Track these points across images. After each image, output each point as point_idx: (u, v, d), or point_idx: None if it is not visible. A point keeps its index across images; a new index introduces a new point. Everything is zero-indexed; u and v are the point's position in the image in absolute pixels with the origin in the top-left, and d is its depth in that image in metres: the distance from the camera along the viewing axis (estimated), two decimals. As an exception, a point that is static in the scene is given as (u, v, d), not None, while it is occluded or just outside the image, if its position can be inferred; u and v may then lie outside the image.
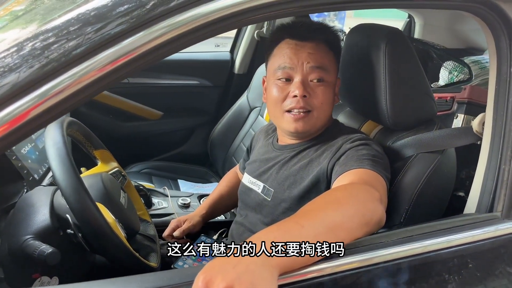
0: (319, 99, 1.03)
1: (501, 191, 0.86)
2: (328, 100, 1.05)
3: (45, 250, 0.82)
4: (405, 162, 1.02)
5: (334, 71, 1.08)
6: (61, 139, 0.88)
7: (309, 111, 1.03)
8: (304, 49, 1.03)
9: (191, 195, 1.65)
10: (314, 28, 1.07)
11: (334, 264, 0.69)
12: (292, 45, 1.05)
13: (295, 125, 1.03)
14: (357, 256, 0.72)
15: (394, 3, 0.90)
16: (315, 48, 1.04)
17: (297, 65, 1.03)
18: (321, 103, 1.03)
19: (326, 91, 1.04)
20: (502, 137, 0.87)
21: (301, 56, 1.03)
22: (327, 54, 1.06)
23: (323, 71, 1.03)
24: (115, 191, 1.04)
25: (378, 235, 0.77)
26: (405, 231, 0.80)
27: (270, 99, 1.08)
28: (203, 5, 0.65)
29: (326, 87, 1.04)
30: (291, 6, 0.72)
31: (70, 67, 0.60)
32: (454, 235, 0.80)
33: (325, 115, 1.07)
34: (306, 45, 1.04)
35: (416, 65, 1.07)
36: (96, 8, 0.63)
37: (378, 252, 0.74)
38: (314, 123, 1.05)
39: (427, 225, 0.83)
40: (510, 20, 0.85)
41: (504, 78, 0.87)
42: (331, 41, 1.07)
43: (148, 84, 2.29)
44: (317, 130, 1.09)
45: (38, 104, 0.59)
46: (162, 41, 0.64)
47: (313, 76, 1.03)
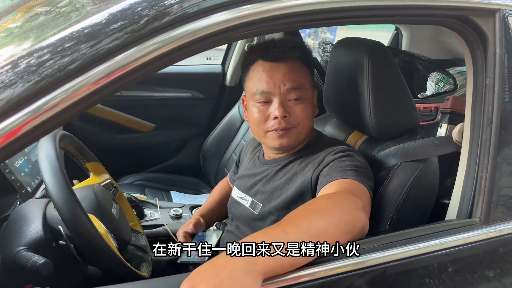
0: (299, 117, 1.06)
1: (479, 197, 0.89)
2: (308, 116, 1.08)
3: (38, 261, 0.83)
4: (389, 171, 1.05)
5: (310, 86, 1.10)
6: (53, 152, 0.91)
7: (290, 128, 1.06)
8: (279, 71, 1.04)
9: (183, 206, 1.66)
10: (287, 48, 1.07)
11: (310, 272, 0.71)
12: (266, 67, 1.06)
13: (279, 141, 1.07)
14: (340, 262, 0.75)
15: (377, 19, 0.93)
16: (290, 68, 1.05)
17: (274, 88, 1.04)
18: (302, 120, 1.06)
19: (305, 108, 1.07)
20: (479, 145, 0.90)
21: (277, 79, 1.04)
22: (302, 72, 1.07)
23: (300, 90, 1.05)
24: (107, 203, 1.06)
25: (361, 242, 0.80)
26: (387, 237, 0.83)
27: (251, 120, 1.10)
28: (194, 22, 0.67)
29: (304, 103, 1.07)
30: (278, 23, 0.75)
31: (64, 82, 0.62)
32: (434, 241, 0.84)
33: (307, 128, 1.10)
34: (280, 66, 1.05)
35: (398, 77, 1.10)
36: (90, 26, 0.66)
37: (361, 257, 0.76)
38: (298, 137, 1.08)
39: (408, 231, 0.86)
40: (485, 34, 0.89)
41: (480, 89, 0.91)
42: (304, 58, 1.09)
43: (141, 96, 2.31)
44: (301, 142, 1.12)
45: (31, 119, 0.61)
46: (155, 55, 0.66)
47: (291, 97, 1.05)
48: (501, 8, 0.89)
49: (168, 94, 2.36)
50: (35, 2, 1.15)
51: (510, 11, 0.90)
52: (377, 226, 1.03)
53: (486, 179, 0.88)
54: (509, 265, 0.90)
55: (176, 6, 0.67)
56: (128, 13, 0.67)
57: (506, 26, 0.89)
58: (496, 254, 0.89)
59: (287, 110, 1.05)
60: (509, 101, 0.89)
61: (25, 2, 1.23)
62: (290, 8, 0.73)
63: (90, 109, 2.09)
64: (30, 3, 1.17)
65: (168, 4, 0.67)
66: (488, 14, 0.89)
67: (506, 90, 0.89)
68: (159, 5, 0.67)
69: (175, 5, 0.67)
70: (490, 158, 0.88)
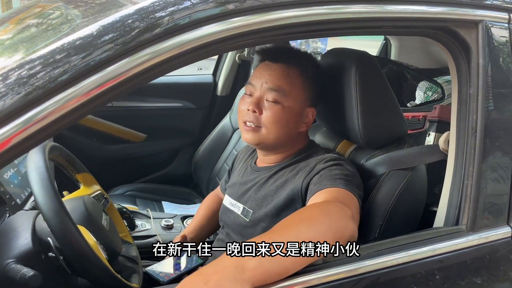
0: (268, 118, 1.06)
1: (465, 205, 0.90)
2: (279, 122, 1.06)
3: (27, 274, 0.82)
4: (378, 179, 1.07)
5: (300, 98, 1.09)
6: (43, 164, 0.91)
7: (259, 127, 1.08)
8: (269, 70, 1.08)
9: (174, 217, 1.66)
10: (289, 52, 1.12)
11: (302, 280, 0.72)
12: (263, 65, 1.11)
13: (245, 135, 1.10)
14: (330, 270, 0.76)
15: (366, 31, 0.95)
16: (281, 71, 1.07)
17: (258, 83, 1.08)
18: (269, 122, 1.06)
19: (279, 113, 1.06)
20: (464, 154, 0.92)
21: (263, 76, 1.08)
22: (292, 79, 1.07)
23: (279, 94, 1.06)
24: (97, 214, 1.06)
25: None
26: (376, 245, 0.84)
27: (238, 110, 1.14)
28: (185, 33, 0.68)
29: (280, 109, 1.06)
30: (268, 35, 0.76)
31: (55, 93, 0.62)
32: (422, 248, 0.85)
33: (274, 135, 1.08)
34: (273, 66, 1.08)
35: (385, 86, 1.12)
36: (81, 38, 0.66)
37: (350, 266, 0.77)
38: (264, 139, 1.09)
39: (396, 238, 0.87)
40: (468, 45, 0.91)
41: (464, 98, 0.93)
42: (305, 69, 1.09)
43: (132, 107, 2.30)
44: (279, 148, 1.12)
45: (21, 131, 0.61)
46: (146, 66, 0.67)
47: (268, 97, 1.07)
48: (483, 19, 0.91)
49: (160, 104, 2.37)
50: (27, 14, 1.16)
51: (493, 22, 0.92)
52: (367, 234, 1.03)
53: (472, 187, 0.90)
54: (496, 272, 0.91)
55: (167, 18, 0.68)
56: (119, 25, 0.67)
57: (489, 36, 0.91)
58: (483, 261, 0.90)
59: (260, 107, 1.07)
60: (493, 109, 0.91)
61: (16, 14, 1.24)
62: (280, 20, 0.74)
63: (82, 120, 2.09)
64: (22, 15, 1.18)
65: (159, 16, 0.68)
66: (471, 25, 0.90)
67: (489, 99, 0.90)
68: (150, 17, 0.68)
69: (166, 16, 0.68)
70: (475, 166, 0.90)
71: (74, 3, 1.00)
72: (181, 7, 0.70)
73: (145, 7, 0.70)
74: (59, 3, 1.05)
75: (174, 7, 0.70)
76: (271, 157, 1.15)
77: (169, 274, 1.17)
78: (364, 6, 0.81)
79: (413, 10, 0.85)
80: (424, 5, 0.86)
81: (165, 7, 0.70)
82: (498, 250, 0.92)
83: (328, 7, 0.78)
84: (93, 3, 0.96)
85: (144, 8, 0.70)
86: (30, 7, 1.24)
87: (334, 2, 0.79)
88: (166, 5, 0.70)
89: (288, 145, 1.13)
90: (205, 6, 0.70)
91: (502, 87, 0.92)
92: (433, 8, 0.86)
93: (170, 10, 0.69)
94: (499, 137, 0.92)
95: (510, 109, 0.93)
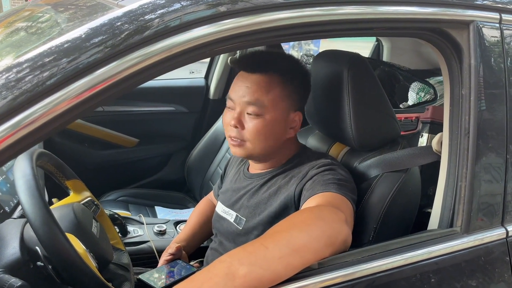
0: (250, 132, 1.04)
1: (459, 207, 0.90)
2: (262, 135, 1.04)
3: (14, 284, 0.80)
4: (371, 181, 1.06)
5: (280, 107, 1.04)
6: (30, 171, 0.89)
7: (244, 141, 1.05)
8: (245, 82, 1.04)
9: (167, 222, 1.64)
10: (265, 60, 1.06)
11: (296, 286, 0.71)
12: (240, 77, 1.06)
13: (232, 149, 1.08)
14: (323, 275, 0.74)
15: (357, 33, 0.94)
16: (257, 82, 1.03)
17: (237, 97, 1.05)
18: (252, 137, 1.04)
19: (259, 126, 1.03)
20: (457, 155, 0.91)
21: (240, 90, 1.04)
22: (270, 89, 1.02)
23: (258, 107, 1.02)
24: (87, 221, 1.04)
25: (343, 254, 0.79)
26: (370, 249, 0.83)
27: (223, 123, 1.12)
28: (176, 36, 0.67)
29: (261, 122, 1.03)
30: (260, 37, 0.75)
31: (44, 97, 0.61)
32: (416, 251, 0.84)
33: (261, 147, 1.06)
34: (250, 77, 1.04)
35: (377, 88, 1.11)
36: (69, 40, 0.65)
37: (344, 270, 0.76)
38: (252, 151, 1.07)
39: (390, 242, 0.86)
40: (460, 46, 0.91)
41: (457, 99, 0.93)
42: (284, 74, 1.04)
43: (123, 111, 2.28)
44: (271, 157, 1.10)
45: (10, 135, 0.60)
46: (136, 69, 0.66)
47: (248, 110, 1.03)
48: (474, 19, 0.90)
49: (152, 108, 2.34)
50: (16, 18, 1.15)
51: (484, 22, 0.92)
52: (361, 237, 1.03)
53: (466, 188, 0.89)
54: (491, 274, 0.91)
55: (157, 20, 0.67)
56: (108, 28, 0.66)
57: (480, 37, 0.91)
58: (478, 263, 0.90)
59: (242, 122, 1.04)
60: (485, 110, 0.91)
61: (6, 18, 1.22)
62: (272, 22, 0.74)
63: (73, 126, 2.09)
64: (11, 18, 1.16)
65: (149, 18, 0.67)
66: (462, 26, 0.90)
67: (482, 99, 0.90)
68: (139, 19, 0.67)
69: (156, 19, 0.67)
70: (469, 167, 0.89)
71: (63, 7, 0.99)
72: (171, 9, 0.69)
73: (134, 9, 0.69)
74: (48, 7, 1.03)
75: (164, 9, 0.69)
76: (263, 165, 1.14)
77: (163, 281, 1.16)
78: (356, 8, 0.80)
79: (404, 11, 0.84)
80: (415, 6, 0.85)
81: (154, 9, 0.69)
82: (493, 251, 0.92)
83: (320, 9, 0.77)
84: (83, 6, 0.94)
85: (133, 11, 0.69)
86: (19, 10, 1.22)
87: (326, 3, 0.78)
88: (156, 7, 0.69)
89: (278, 152, 1.11)
90: (195, 8, 0.69)
91: (494, 87, 0.92)
92: (424, 9, 0.86)
93: (159, 12, 0.68)
94: (492, 138, 0.91)
95: (503, 109, 0.93)
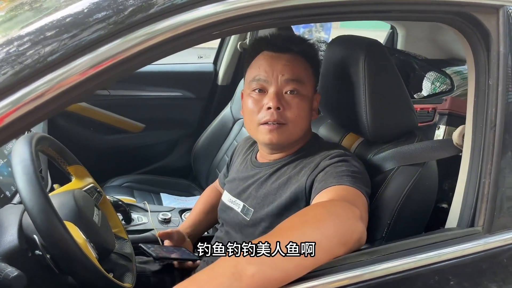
0: (294, 112, 1.01)
1: (481, 205, 0.84)
2: (303, 113, 1.03)
3: (10, 274, 0.77)
4: (386, 175, 1.01)
5: (311, 85, 1.06)
6: (28, 156, 0.85)
7: (284, 124, 1.01)
8: (280, 61, 1.02)
9: (172, 210, 1.61)
10: (291, 40, 1.06)
11: (306, 286, 0.66)
12: (267, 56, 1.04)
13: (269, 136, 1.01)
14: (335, 276, 0.70)
15: (374, 15, 0.90)
16: (291, 60, 1.02)
17: (271, 77, 1.01)
18: (296, 116, 1.01)
19: (301, 104, 1.02)
20: (481, 150, 0.86)
21: (276, 68, 1.01)
22: (303, 67, 1.04)
23: (298, 84, 1.01)
24: (88, 209, 1.00)
25: (357, 253, 0.75)
26: (385, 248, 0.78)
27: (245, 111, 1.07)
28: (183, 14, 0.63)
29: (301, 99, 1.02)
30: (273, 17, 0.71)
31: (45, 73, 0.58)
32: (435, 251, 0.79)
33: (300, 129, 1.04)
34: (282, 57, 1.02)
35: (395, 77, 1.06)
36: (71, 15, 0.62)
37: (357, 271, 0.72)
38: (289, 136, 1.03)
39: (407, 241, 0.81)
40: (488, 31, 0.85)
41: (482, 90, 0.87)
42: (308, 54, 1.06)
43: (130, 96, 2.25)
44: (294, 144, 1.06)
45: (11, 111, 0.57)
46: (140, 49, 0.62)
47: (287, 88, 1.01)
48: (504, 4, 0.84)
49: (159, 93, 2.31)
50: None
51: (515, 8, 0.85)
52: (374, 233, 0.98)
53: (490, 185, 0.84)
54: (513, 276, 0.86)
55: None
56: (111, 3, 0.62)
57: (510, 23, 0.85)
58: (500, 265, 0.85)
59: (282, 102, 1.00)
60: (514, 102, 0.85)
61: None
62: (286, 1, 0.68)
63: (77, 109, 2.07)
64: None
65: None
66: (491, 10, 0.84)
67: (510, 91, 0.84)
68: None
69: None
70: (494, 163, 0.84)
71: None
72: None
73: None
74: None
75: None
76: (276, 154, 1.09)
77: (162, 252, 1.16)
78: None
79: (427, -8, 0.79)
80: (441, -14, 0.79)
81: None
82: (516, 253, 0.87)
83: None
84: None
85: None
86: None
87: (344, -17, 0.73)
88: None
89: (301, 138, 1.07)
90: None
91: (523, 78, 0.85)
92: (450, -9, 0.80)
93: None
94: (520, 132, 0.86)
95: (532, 101, 0.86)
